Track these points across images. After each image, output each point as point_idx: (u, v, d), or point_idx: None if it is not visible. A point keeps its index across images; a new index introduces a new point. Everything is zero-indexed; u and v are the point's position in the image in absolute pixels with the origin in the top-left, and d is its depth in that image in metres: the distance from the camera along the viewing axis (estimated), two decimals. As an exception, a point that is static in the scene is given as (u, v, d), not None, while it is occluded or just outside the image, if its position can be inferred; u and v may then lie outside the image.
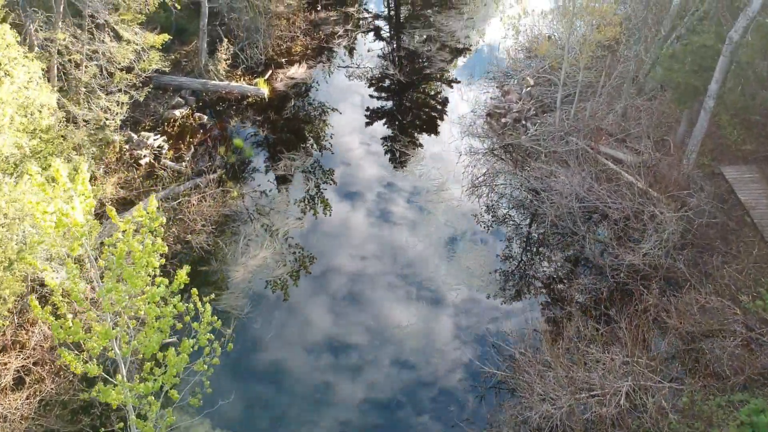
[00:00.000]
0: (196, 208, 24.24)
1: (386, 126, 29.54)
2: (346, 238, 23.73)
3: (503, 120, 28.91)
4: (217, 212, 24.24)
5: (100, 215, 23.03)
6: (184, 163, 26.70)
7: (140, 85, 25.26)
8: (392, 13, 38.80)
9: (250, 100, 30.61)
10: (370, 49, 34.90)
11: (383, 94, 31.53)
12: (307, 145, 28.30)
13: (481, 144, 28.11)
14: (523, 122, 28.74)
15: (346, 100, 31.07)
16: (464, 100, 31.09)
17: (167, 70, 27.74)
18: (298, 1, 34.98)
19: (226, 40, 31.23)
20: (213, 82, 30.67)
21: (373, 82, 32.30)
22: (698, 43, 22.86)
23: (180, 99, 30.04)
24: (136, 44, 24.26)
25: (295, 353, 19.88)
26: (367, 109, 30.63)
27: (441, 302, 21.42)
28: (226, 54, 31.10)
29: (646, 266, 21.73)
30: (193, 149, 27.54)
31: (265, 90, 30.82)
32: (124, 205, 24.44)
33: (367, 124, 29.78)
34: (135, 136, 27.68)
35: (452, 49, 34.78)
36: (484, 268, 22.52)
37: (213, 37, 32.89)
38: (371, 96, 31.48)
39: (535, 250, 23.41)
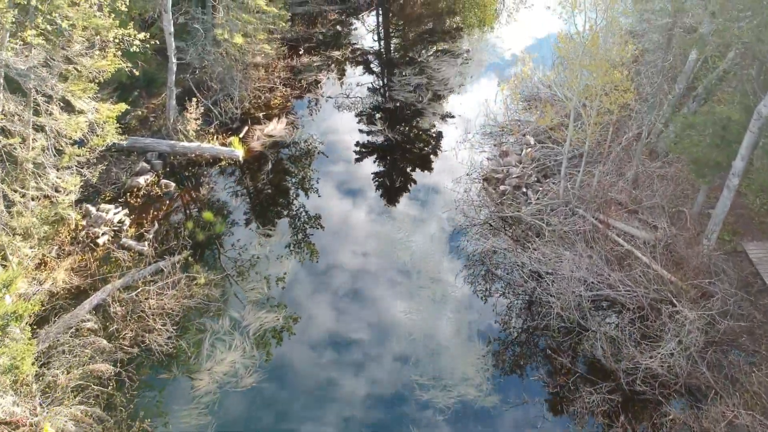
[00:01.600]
0: (156, 300, 21.86)
1: (374, 193, 27.30)
2: (331, 346, 21.39)
3: (502, 187, 26.69)
4: (180, 305, 21.86)
5: (46, 314, 20.77)
6: (146, 243, 24.33)
7: (95, 161, 22.97)
8: (381, 56, 36.60)
9: (223, 163, 28.30)
10: (356, 100, 32.66)
11: (369, 157, 29.31)
12: (285, 217, 25.98)
13: (477, 213, 25.85)
14: (524, 190, 26.51)
15: (329, 163, 28.81)
16: (459, 160, 28.88)
17: (134, 126, 25.43)
18: (277, 49, 32.72)
19: (195, 99, 28.93)
20: (182, 143, 28.41)
21: (359, 142, 30.05)
22: (721, 114, 20.69)
23: (145, 164, 27.76)
24: (90, 117, 21.95)
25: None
26: (350, 174, 28.40)
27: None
28: (196, 113, 28.82)
29: (666, 371, 19.49)
30: (156, 225, 25.19)
31: (239, 152, 28.56)
32: (77, 295, 22.08)
33: (348, 194, 27.53)
34: (93, 210, 25.40)
35: (445, 99, 32.61)
36: (480, 370, 20.21)
37: (185, 87, 30.69)
38: (356, 155, 29.26)
39: (538, 348, 21.09)
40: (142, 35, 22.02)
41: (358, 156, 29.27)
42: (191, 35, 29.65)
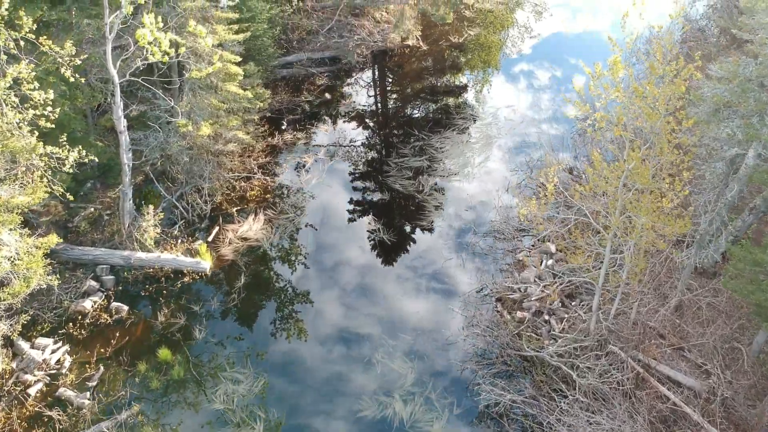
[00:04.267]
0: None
1: (365, 319, 23.49)
2: None
3: (519, 314, 22.86)
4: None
5: None
6: (88, 393, 20.46)
7: (21, 307, 19.18)
8: (376, 132, 32.86)
9: (186, 279, 24.44)
10: (346, 191, 28.91)
11: (363, 269, 25.50)
12: (260, 354, 22.13)
13: (488, 344, 22.02)
14: (546, 317, 22.66)
15: (314, 278, 24.96)
16: (466, 271, 25.07)
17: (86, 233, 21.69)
18: (254, 131, 28.94)
19: (152, 206, 25.12)
20: (138, 254, 24.62)
21: (349, 249, 26.26)
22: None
23: (93, 282, 23.94)
24: (11, 251, 18.21)
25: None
26: (339, 295, 24.64)
27: None
28: (154, 220, 24.99)
29: None
30: (102, 369, 21.33)
31: (206, 263, 24.74)
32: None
33: (337, 336, 23.71)
34: (26, 348, 21.53)
35: (448, 188, 28.89)
36: None
37: (147, 176, 26.95)
38: (346, 266, 25.49)
39: None
40: (75, 154, 18.22)
41: (348, 268, 25.48)
42: (150, 120, 25.92)
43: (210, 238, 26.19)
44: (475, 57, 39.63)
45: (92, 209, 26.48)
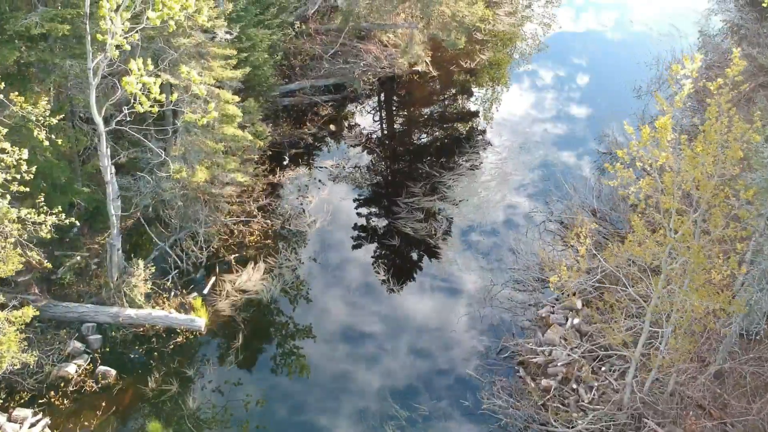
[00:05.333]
0: None
1: (375, 391, 21.69)
2: None
3: (544, 382, 21.00)
4: None
5: None
6: (69, 477, 18.63)
7: None
8: (384, 168, 31.06)
9: (180, 339, 22.62)
10: (352, 235, 27.17)
11: (372, 330, 23.73)
12: (260, 428, 20.33)
13: (511, 417, 20.16)
14: (574, 385, 20.80)
15: (318, 339, 23.15)
16: (484, 327, 23.25)
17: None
18: (254, 170, 27.15)
19: (142, 261, 23.30)
20: (128, 311, 22.84)
21: (358, 309, 24.45)
22: None
23: (78, 344, 22.15)
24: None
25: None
26: (344, 358, 22.83)
27: None
28: (145, 275, 23.20)
29: None
30: (85, 447, 19.52)
31: (201, 320, 22.94)
32: None
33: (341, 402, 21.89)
34: (2, 421, 19.74)
35: (462, 232, 27.11)
36: None
37: (137, 220, 25.21)
38: (355, 325, 23.69)
39: None
40: (53, 218, 16.41)
41: (353, 324, 23.69)
42: (141, 163, 24.19)
43: (206, 291, 24.38)
44: (484, 77, 37.91)
45: (78, 258, 24.67)
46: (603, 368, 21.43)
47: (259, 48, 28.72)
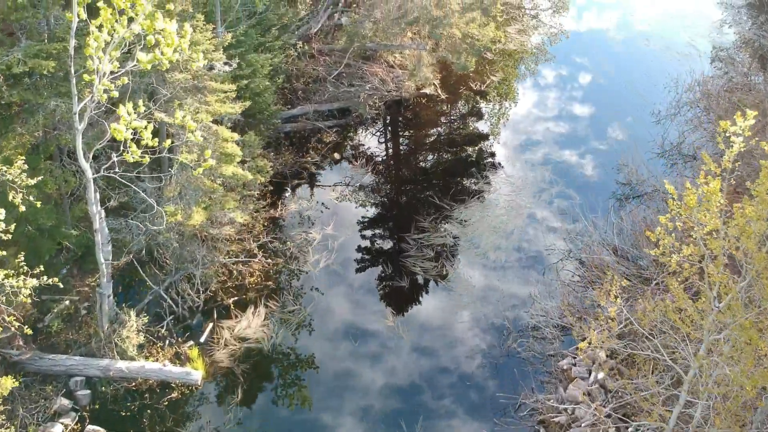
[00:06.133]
0: None
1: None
2: None
3: (567, 446, 19.52)
4: None
5: None
6: None
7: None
8: (391, 201, 29.65)
9: (175, 394, 21.19)
10: (357, 275, 25.81)
11: (381, 381, 22.33)
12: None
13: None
14: (600, 451, 19.33)
15: (323, 393, 21.70)
16: (499, 379, 21.83)
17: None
18: (254, 207, 25.75)
19: (134, 314, 21.90)
20: (119, 364, 21.43)
21: (364, 358, 23.04)
22: None
23: (65, 401, 20.76)
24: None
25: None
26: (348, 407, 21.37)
27: None
28: (138, 325, 21.81)
29: None
30: None
31: (198, 373, 21.54)
32: None
33: None
34: (-18, 491, 18.22)
35: (475, 271, 25.74)
36: None
37: (130, 265, 23.84)
38: (362, 374, 22.31)
39: None
40: (32, 282, 14.98)
41: (362, 379, 22.31)
42: (134, 202, 22.82)
43: (202, 339, 22.96)
44: (493, 95, 36.59)
45: (67, 302, 23.27)
46: (629, 429, 19.98)
47: (259, 74, 27.36)
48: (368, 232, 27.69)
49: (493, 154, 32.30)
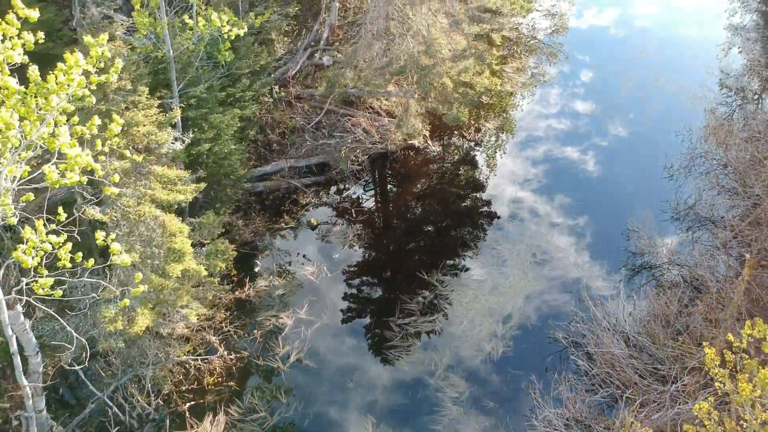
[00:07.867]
0: None
1: None
2: None
3: None
4: None
5: None
6: None
7: None
8: (375, 274, 26.73)
9: None
10: (334, 380, 22.81)
11: None
12: None
13: None
14: None
15: None
16: None
17: None
18: (212, 297, 22.82)
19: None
20: (48, 498, 18.26)
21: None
22: None
23: None
24: None
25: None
26: None
27: None
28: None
29: None
30: None
31: (142, 507, 18.45)
32: None
33: None
34: None
35: (468, 366, 22.94)
36: None
37: (68, 369, 20.80)
38: None
39: None
40: None
41: None
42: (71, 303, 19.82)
43: (152, 459, 20.01)
44: (490, 146, 33.84)
45: (-4, 412, 20.31)
46: None
47: (225, 135, 24.49)
48: (347, 317, 24.76)
49: (490, 216, 29.40)
